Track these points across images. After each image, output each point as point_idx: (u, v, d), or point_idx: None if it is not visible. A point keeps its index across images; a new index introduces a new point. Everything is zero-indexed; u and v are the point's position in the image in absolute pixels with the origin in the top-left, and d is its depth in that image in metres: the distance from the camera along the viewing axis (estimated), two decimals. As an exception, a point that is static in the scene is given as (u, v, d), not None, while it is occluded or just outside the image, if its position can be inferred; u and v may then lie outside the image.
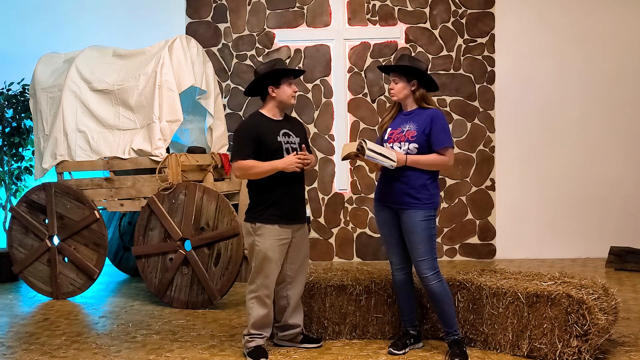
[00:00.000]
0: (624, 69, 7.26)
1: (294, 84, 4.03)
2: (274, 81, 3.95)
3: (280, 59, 4.07)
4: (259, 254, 3.89)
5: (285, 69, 4.06)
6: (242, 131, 3.94)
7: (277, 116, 4.03)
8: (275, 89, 3.96)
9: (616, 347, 4.03)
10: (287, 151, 3.94)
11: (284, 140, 3.95)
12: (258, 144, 3.88)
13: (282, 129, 3.98)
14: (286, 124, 4.04)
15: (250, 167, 3.86)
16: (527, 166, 7.37)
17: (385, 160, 3.72)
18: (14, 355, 4.17)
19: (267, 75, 3.95)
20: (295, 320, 4.11)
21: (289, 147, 3.96)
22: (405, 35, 7.39)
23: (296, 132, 4.06)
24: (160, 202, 5.42)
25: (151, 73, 5.65)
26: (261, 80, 3.98)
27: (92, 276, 5.72)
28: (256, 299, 3.93)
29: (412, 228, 3.82)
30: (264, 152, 3.89)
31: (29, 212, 5.96)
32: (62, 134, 5.89)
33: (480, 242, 7.40)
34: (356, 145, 3.74)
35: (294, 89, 4.03)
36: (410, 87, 3.92)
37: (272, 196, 3.90)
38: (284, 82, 3.96)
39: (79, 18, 7.57)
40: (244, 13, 7.53)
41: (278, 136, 3.94)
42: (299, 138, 4.04)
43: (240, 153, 3.88)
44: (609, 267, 6.72)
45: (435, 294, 3.82)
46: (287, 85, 3.97)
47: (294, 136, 4.02)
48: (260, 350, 3.94)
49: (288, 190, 3.93)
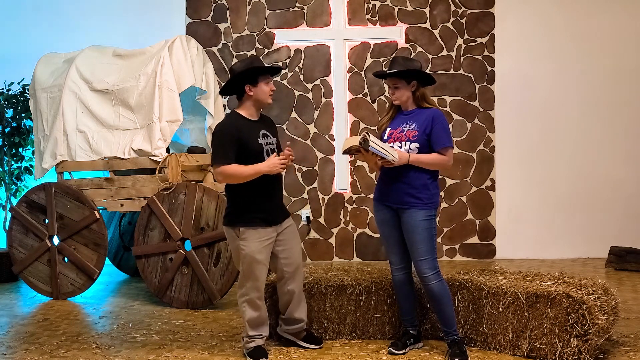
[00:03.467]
0: (623, 68, 7.26)
1: (271, 82, 3.92)
2: (251, 80, 3.85)
3: (257, 56, 3.96)
4: (246, 258, 3.84)
5: (263, 66, 3.91)
6: (222, 134, 3.81)
7: (254, 116, 3.94)
8: (253, 87, 3.85)
9: (616, 347, 4.03)
10: (267, 153, 3.87)
11: (264, 142, 3.89)
12: (240, 147, 3.78)
13: (261, 130, 3.92)
14: (263, 125, 3.97)
15: (234, 172, 3.76)
16: (527, 166, 7.37)
17: (387, 154, 3.71)
18: (14, 355, 4.17)
19: (244, 74, 3.84)
20: (300, 315, 4.10)
21: (269, 148, 3.91)
22: (405, 35, 7.39)
23: (272, 131, 4.02)
24: (160, 202, 5.42)
25: (151, 73, 5.65)
26: (238, 79, 3.86)
27: (92, 276, 5.72)
28: (247, 302, 3.92)
29: (412, 228, 3.81)
30: (246, 156, 3.80)
31: (29, 212, 5.96)
32: (62, 134, 5.89)
33: (480, 242, 7.40)
34: (359, 138, 3.71)
35: (272, 88, 3.92)
36: (410, 88, 3.92)
37: (252, 199, 3.83)
38: (261, 80, 3.85)
39: (79, 18, 7.56)
40: (244, 13, 7.53)
41: (259, 138, 3.87)
42: (275, 138, 4.01)
43: (223, 158, 3.76)
44: (609, 267, 6.72)
45: (435, 294, 3.82)
46: (264, 84, 3.86)
47: (271, 136, 3.98)
48: (260, 350, 3.94)
49: (267, 191, 3.87)
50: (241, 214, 3.85)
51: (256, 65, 3.88)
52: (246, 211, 3.84)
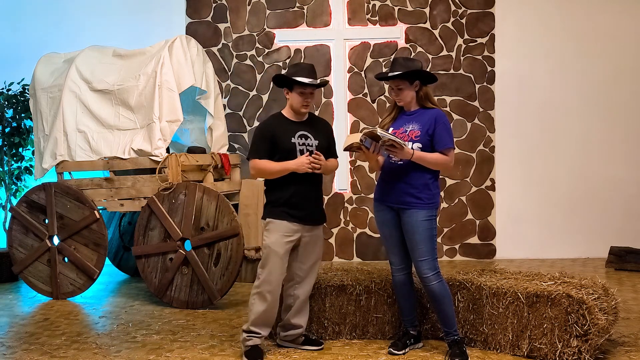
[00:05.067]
0: (623, 68, 7.27)
1: (309, 94, 3.98)
2: (288, 85, 4.00)
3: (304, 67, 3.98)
4: (265, 249, 3.93)
5: (292, 79, 3.95)
6: (259, 131, 4.02)
7: (295, 117, 4.04)
8: (289, 92, 4.01)
9: (616, 347, 4.03)
10: (301, 152, 3.95)
11: (299, 142, 3.96)
12: (272, 144, 3.94)
13: (300, 131, 3.99)
14: (305, 126, 4.04)
15: (264, 166, 3.93)
16: (527, 166, 7.37)
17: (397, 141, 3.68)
18: (14, 355, 4.17)
19: (280, 78, 4.02)
20: (298, 321, 4.10)
21: (305, 148, 3.97)
22: (405, 35, 7.39)
23: (316, 134, 4.05)
24: (160, 202, 5.42)
25: (151, 73, 5.65)
26: (278, 80, 4.04)
27: (92, 276, 5.72)
28: (258, 294, 3.93)
29: (413, 228, 3.81)
30: (278, 153, 3.94)
31: (29, 212, 5.96)
32: (62, 134, 5.89)
33: (480, 242, 7.40)
34: (360, 136, 3.72)
35: (306, 99, 3.98)
36: (414, 88, 3.92)
37: (284, 195, 3.93)
38: (297, 88, 3.96)
39: (79, 18, 7.57)
40: (244, 13, 7.53)
41: (293, 137, 3.95)
42: (317, 141, 4.03)
43: (255, 152, 3.96)
44: (609, 267, 6.72)
45: (435, 294, 3.81)
46: (298, 94, 3.96)
47: (312, 138, 4.01)
48: (256, 350, 3.93)
49: (300, 190, 3.94)
50: (272, 207, 3.98)
51: (290, 75, 3.96)
52: (276, 205, 3.96)
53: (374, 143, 3.77)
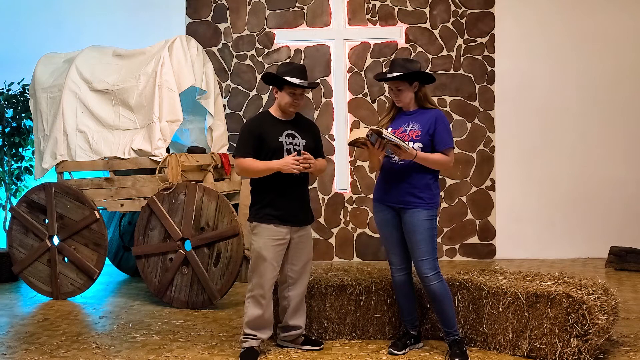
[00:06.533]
0: (623, 68, 7.27)
1: (299, 94, 3.94)
2: (278, 84, 3.95)
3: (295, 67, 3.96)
4: (254, 253, 3.92)
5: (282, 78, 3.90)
6: (245, 128, 3.98)
7: (283, 116, 4.00)
8: (278, 91, 3.97)
9: (616, 347, 4.03)
10: (287, 152, 3.91)
11: (287, 141, 3.93)
12: (259, 142, 3.90)
13: (287, 130, 3.96)
14: (293, 125, 4.01)
15: (248, 165, 3.88)
16: (527, 166, 7.37)
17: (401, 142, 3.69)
18: (14, 355, 4.17)
19: (270, 77, 3.98)
20: (296, 322, 4.10)
21: (292, 148, 3.93)
22: (405, 35, 7.39)
23: (304, 134, 4.02)
24: (160, 202, 5.42)
25: (151, 73, 5.65)
26: (267, 79, 4.01)
27: (92, 276, 5.72)
28: (251, 298, 3.94)
29: (414, 228, 3.81)
30: (264, 151, 3.90)
31: (29, 212, 5.96)
32: (62, 134, 5.89)
33: (480, 242, 7.40)
34: (366, 131, 3.70)
35: (295, 100, 3.93)
36: (413, 89, 3.92)
37: (269, 196, 3.90)
38: (286, 88, 3.92)
39: (79, 18, 7.57)
40: (244, 13, 7.53)
41: (280, 136, 3.92)
42: (304, 140, 4.00)
43: (241, 150, 3.92)
44: (609, 267, 6.72)
45: (435, 294, 3.81)
46: (287, 93, 3.92)
47: (300, 138, 3.99)
48: (251, 352, 3.92)
49: (286, 191, 3.91)
50: (257, 210, 3.94)
51: (280, 74, 3.91)
52: (262, 207, 3.92)
53: (379, 139, 3.76)
